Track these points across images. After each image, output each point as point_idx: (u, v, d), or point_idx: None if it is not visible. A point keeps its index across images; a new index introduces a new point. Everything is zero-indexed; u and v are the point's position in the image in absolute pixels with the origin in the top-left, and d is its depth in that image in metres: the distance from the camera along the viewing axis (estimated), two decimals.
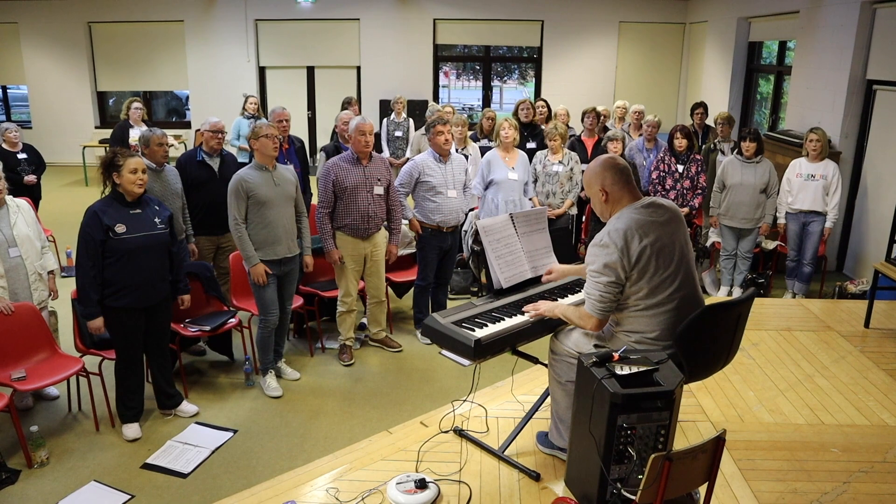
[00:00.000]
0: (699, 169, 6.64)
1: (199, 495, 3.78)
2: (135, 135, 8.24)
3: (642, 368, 2.47)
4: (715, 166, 7.03)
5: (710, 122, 8.43)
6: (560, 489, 3.19)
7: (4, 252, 4.37)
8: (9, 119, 14.62)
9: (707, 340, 2.89)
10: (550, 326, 3.24)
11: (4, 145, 7.46)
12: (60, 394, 4.82)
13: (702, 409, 4.09)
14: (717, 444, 2.34)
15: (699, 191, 6.65)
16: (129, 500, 3.75)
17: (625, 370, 2.43)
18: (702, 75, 12.01)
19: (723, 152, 7.30)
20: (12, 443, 4.18)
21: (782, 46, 9.83)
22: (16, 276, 4.43)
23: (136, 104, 8.52)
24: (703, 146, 7.72)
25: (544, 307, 3.17)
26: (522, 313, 3.26)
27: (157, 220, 4.24)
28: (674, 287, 2.82)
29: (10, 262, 4.39)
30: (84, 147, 12.64)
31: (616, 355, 2.49)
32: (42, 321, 4.49)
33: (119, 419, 4.42)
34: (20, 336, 4.35)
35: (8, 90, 14.83)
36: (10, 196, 4.59)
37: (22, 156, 7.53)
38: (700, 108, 8.31)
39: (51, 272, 4.71)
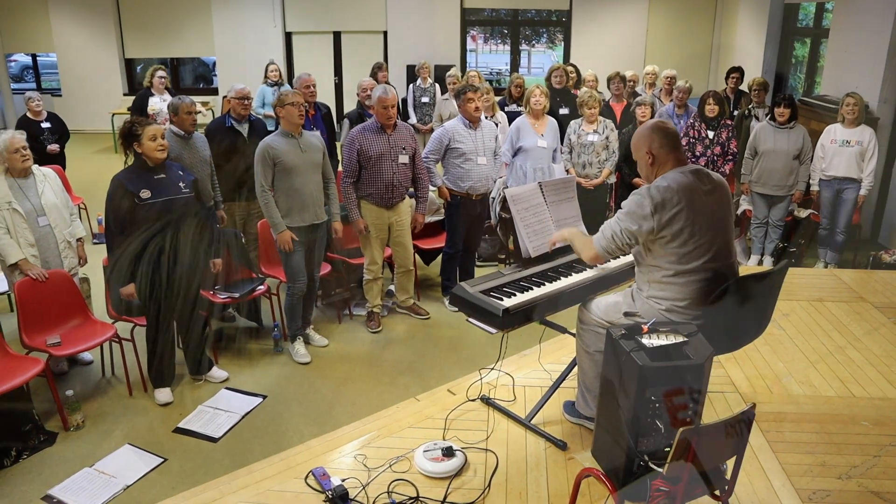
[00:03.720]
0: (730, 135, 6.51)
1: (230, 459, 3.85)
2: (154, 103, 8.26)
3: (672, 341, 2.45)
4: (749, 132, 6.90)
5: (744, 87, 8.26)
6: (587, 460, 3.20)
7: (34, 221, 4.43)
8: (39, 87, 14.75)
9: (738, 311, 2.86)
10: (579, 296, 3.22)
11: (28, 115, 7.55)
12: (94, 359, 4.92)
13: (730, 380, 4.06)
14: (746, 419, 2.32)
15: (730, 157, 6.53)
16: (162, 462, 3.84)
17: (654, 342, 2.40)
18: (735, 39, 11.72)
19: (757, 118, 7.15)
20: (49, 406, 4.28)
21: (820, 8, 9.54)
22: (46, 245, 4.49)
23: (160, 72, 8.53)
24: (737, 112, 7.56)
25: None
26: (551, 282, 3.25)
27: (181, 184, 4.28)
28: (707, 257, 2.79)
29: (40, 231, 4.45)
30: (113, 114, 12.73)
31: (645, 327, 2.47)
32: (75, 288, 4.56)
33: (151, 384, 4.51)
34: (54, 303, 4.44)
35: (38, 58, 14.93)
36: (37, 165, 4.64)
37: (46, 125, 7.61)
38: (736, 72, 8.14)
39: (79, 239, 4.77)
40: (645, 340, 2.42)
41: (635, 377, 2.32)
